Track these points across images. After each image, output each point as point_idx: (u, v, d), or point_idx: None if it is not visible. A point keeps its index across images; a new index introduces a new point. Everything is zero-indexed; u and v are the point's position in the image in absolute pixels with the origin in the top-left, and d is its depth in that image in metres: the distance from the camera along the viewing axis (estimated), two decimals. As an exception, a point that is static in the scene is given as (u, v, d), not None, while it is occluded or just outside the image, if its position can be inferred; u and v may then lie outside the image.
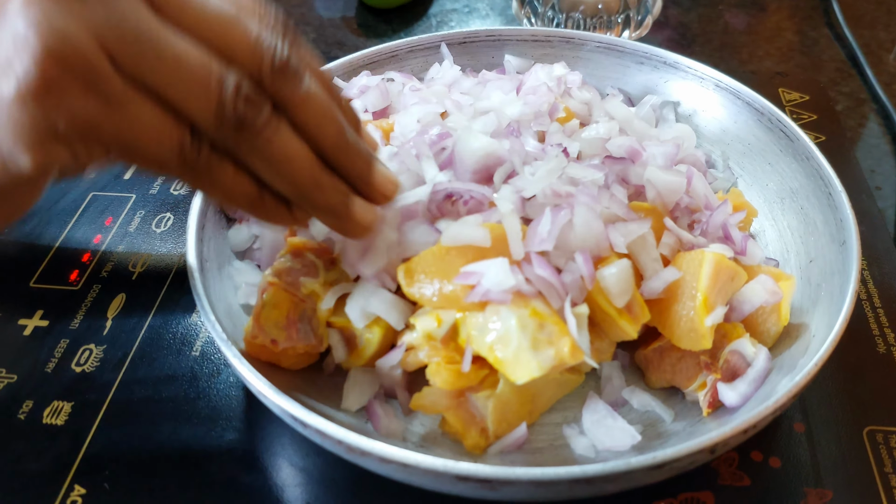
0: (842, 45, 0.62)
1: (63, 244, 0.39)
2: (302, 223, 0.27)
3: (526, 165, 0.31)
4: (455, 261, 0.27)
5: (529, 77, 0.37)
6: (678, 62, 0.39)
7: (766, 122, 0.36)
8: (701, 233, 0.31)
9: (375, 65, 0.41)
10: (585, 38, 0.41)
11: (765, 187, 0.35)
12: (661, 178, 0.30)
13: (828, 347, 0.25)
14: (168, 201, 0.41)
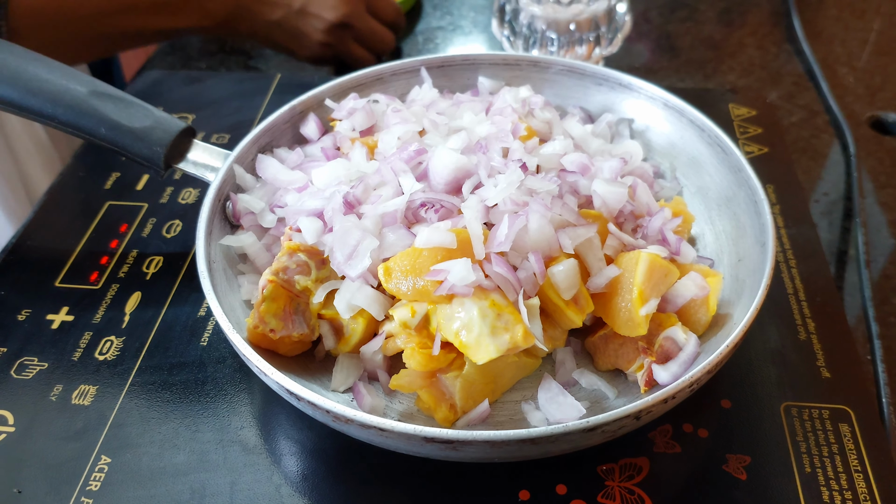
0: (801, 59, 0.66)
1: (84, 248, 0.44)
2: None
3: (491, 178, 0.35)
4: (427, 260, 0.31)
5: (497, 99, 0.41)
6: (631, 83, 0.43)
7: (707, 137, 0.40)
8: (642, 236, 0.35)
9: (363, 87, 0.46)
10: (550, 62, 0.45)
11: (705, 195, 0.40)
12: (605, 189, 0.34)
13: (738, 333, 0.30)
14: (176, 210, 0.46)
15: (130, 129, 0.39)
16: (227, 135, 0.52)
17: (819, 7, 0.73)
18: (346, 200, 0.35)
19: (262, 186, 0.40)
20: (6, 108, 0.40)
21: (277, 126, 0.43)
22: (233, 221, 0.39)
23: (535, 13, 0.61)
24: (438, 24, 0.72)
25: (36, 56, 0.40)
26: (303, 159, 0.41)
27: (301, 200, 0.37)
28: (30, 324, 0.39)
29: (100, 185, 0.47)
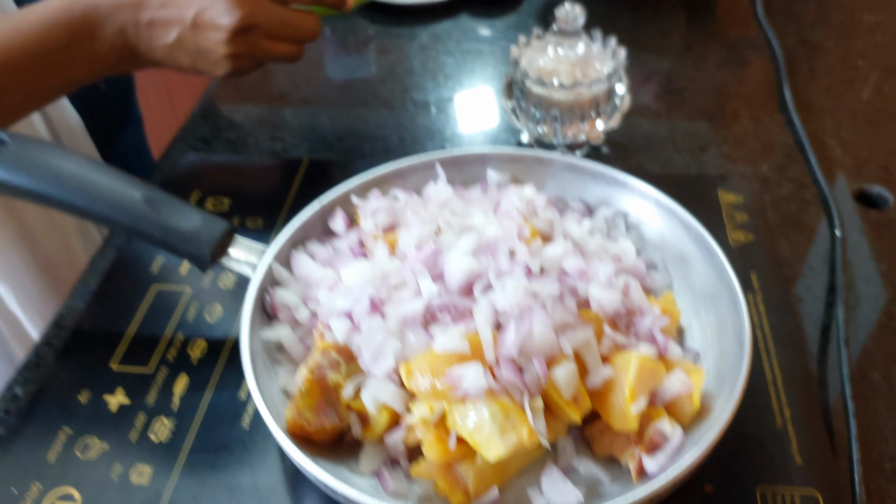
0: (791, 130, 0.71)
1: (136, 332, 0.49)
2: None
3: (499, 279, 0.40)
4: (443, 364, 0.36)
5: (504, 199, 0.46)
6: (626, 181, 0.48)
7: (693, 236, 0.45)
8: (634, 333, 0.40)
9: (384, 182, 0.51)
10: (552, 159, 0.50)
11: (693, 290, 0.44)
12: (601, 293, 0.39)
13: (715, 434, 0.34)
14: (217, 294, 0.51)
15: (180, 231, 0.44)
16: (260, 218, 0.57)
17: (810, 76, 0.77)
18: (372, 302, 0.40)
19: (297, 281, 0.45)
20: (70, 212, 0.45)
21: (309, 223, 0.48)
22: (270, 313, 0.44)
23: (540, 94, 0.65)
24: (450, 94, 0.77)
25: (94, 163, 0.46)
26: (332, 255, 0.46)
27: (332, 299, 0.42)
28: (90, 405, 0.44)
29: (147, 270, 0.53)
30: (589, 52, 0.66)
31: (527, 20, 0.88)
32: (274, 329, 0.43)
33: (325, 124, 0.74)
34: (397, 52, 0.84)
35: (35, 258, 0.63)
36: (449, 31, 0.88)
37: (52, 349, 0.50)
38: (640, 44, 0.83)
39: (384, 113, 0.75)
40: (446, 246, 0.43)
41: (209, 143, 0.71)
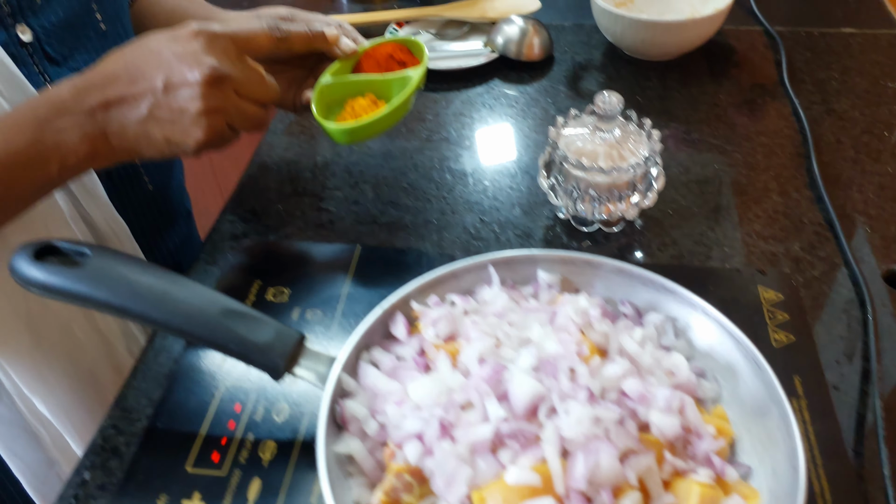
0: (820, 206, 0.73)
1: (207, 432, 0.51)
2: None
3: (563, 402, 0.42)
4: (515, 496, 0.39)
5: (560, 312, 0.48)
6: (675, 289, 0.50)
7: (741, 348, 0.47)
8: (692, 455, 0.42)
9: (439, 284, 0.53)
10: (601, 262, 0.53)
11: (742, 402, 0.47)
12: (661, 419, 0.41)
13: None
14: (281, 393, 0.53)
15: (256, 344, 0.47)
16: (318, 310, 0.59)
17: (837, 147, 0.79)
18: (442, 424, 0.42)
19: (364, 391, 0.47)
20: (147, 324, 0.47)
21: (372, 328, 0.50)
22: (339, 422, 0.47)
23: (579, 175, 0.68)
24: (486, 163, 0.79)
25: (172, 276, 0.48)
26: (395, 364, 0.48)
27: (401, 417, 0.44)
28: (169, 510, 0.47)
29: (212, 369, 0.55)
30: (625, 134, 0.68)
31: (557, 86, 0.90)
32: (345, 442, 0.45)
33: (368, 195, 0.76)
34: (433, 119, 0.87)
35: (78, 368, 0.65)
36: (482, 95, 0.90)
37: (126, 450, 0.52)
38: (669, 112, 0.85)
39: (423, 183, 0.78)
40: (507, 360, 0.45)
41: (258, 215, 0.74)
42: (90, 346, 0.66)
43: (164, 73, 0.51)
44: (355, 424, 0.46)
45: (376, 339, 0.51)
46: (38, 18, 0.62)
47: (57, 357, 0.64)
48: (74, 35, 0.66)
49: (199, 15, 0.77)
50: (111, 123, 0.52)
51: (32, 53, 0.62)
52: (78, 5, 0.66)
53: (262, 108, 0.57)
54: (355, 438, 0.45)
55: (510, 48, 0.92)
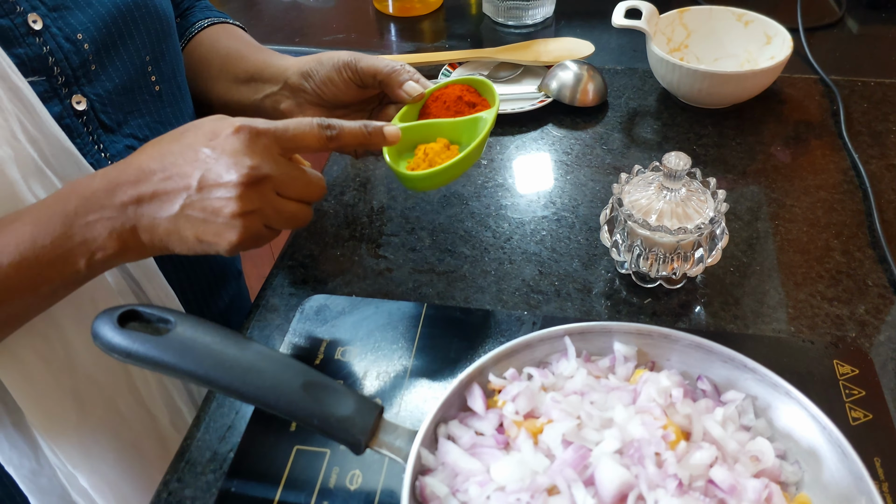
0: (884, 266, 0.72)
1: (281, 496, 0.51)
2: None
3: (651, 491, 0.42)
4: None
5: (642, 392, 0.48)
6: (755, 368, 0.50)
7: (825, 433, 0.47)
8: (779, 547, 0.42)
9: (514, 354, 0.53)
10: (679, 337, 0.52)
11: (825, 490, 0.46)
12: (752, 514, 0.41)
13: None
14: (354, 460, 0.53)
15: (337, 418, 0.47)
16: (390, 371, 0.60)
17: (898, 206, 0.79)
18: (531, 510, 0.42)
19: (443, 468, 0.47)
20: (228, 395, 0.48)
21: (449, 401, 0.50)
22: (419, 499, 0.47)
23: (644, 234, 0.68)
24: (542, 212, 0.79)
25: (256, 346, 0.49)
26: (474, 439, 0.48)
27: (484, 497, 0.44)
28: (248, 581, 0.47)
29: (286, 429, 0.55)
30: (690, 192, 0.68)
31: (611, 132, 0.90)
32: (427, 512, 0.45)
33: (425, 242, 0.77)
34: (488, 164, 0.87)
35: (122, 442, 0.66)
36: (536, 141, 0.90)
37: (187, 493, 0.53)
38: (725, 162, 0.85)
39: (481, 231, 0.78)
40: (590, 442, 0.45)
41: (315, 260, 0.74)
42: (135, 420, 0.66)
43: (200, 170, 0.49)
44: (437, 503, 0.46)
45: (453, 413, 0.51)
46: (93, 86, 0.61)
47: (102, 432, 0.64)
48: (130, 100, 0.65)
49: (253, 59, 0.75)
50: (142, 219, 0.50)
51: (87, 123, 0.61)
52: (134, 69, 0.65)
53: (305, 205, 0.55)
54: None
55: (564, 93, 0.92)
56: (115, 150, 0.64)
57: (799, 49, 1.01)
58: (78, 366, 0.60)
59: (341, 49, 0.70)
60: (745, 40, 0.94)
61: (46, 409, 0.61)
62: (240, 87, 0.74)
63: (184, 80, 0.75)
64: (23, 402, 0.60)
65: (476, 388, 0.51)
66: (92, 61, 0.61)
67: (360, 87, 0.69)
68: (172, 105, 0.72)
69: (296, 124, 0.53)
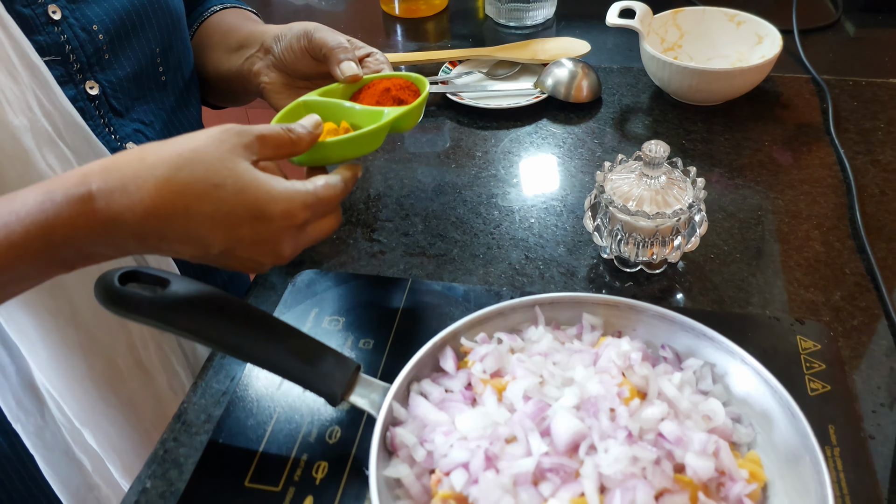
0: (862, 257, 0.74)
1: (264, 451, 0.55)
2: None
3: (602, 441, 0.45)
4: (555, 526, 0.41)
5: (603, 355, 0.51)
6: (714, 336, 0.52)
7: (777, 397, 0.49)
8: (723, 496, 0.44)
9: (487, 320, 0.56)
10: (644, 308, 0.55)
11: (776, 448, 0.48)
12: (696, 462, 0.44)
13: None
14: (334, 415, 0.57)
15: (316, 372, 0.50)
16: (371, 340, 0.63)
17: (881, 199, 0.80)
18: (487, 456, 0.45)
19: (413, 420, 0.50)
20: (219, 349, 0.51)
21: (422, 360, 0.53)
22: (389, 448, 0.50)
23: (624, 219, 0.70)
24: (532, 202, 0.82)
25: (243, 305, 0.52)
26: (444, 395, 0.51)
27: (448, 446, 0.47)
28: (228, 522, 0.50)
29: (272, 388, 0.59)
30: (671, 180, 0.71)
31: (604, 127, 0.93)
32: (394, 467, 0.48)
33: (418, 227, 0.80)
34: (482, 156, 0.90)
35: (121, 400, 0.69)
36: (530, 135, 0.93)
37: (185, 462, 0.56)
38: (713, 157, 0.87)
39: (471, 217, 0.81)
40: (551, 398, 0.48)
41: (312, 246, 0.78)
42: (132, 379, 0.70)
43: (228, 244, 0.49)
44: (404, 451, 0.49)
45: (426, 372, 0.54)
46: (105, 74, 0.65)
47: (105, 388, 0.68)
48: (139, 87, 0.69)
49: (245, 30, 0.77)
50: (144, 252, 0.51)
51: (99, 107, 0.65)
52: (144, 59, 0.69)
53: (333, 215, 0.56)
54: (404, 464, 0.48)
55: (559, 90, 0.95)
56: (124, 133, 0.68)
57: (793, 50, 1.03)
58: (81, 323, 0.63)
59: None
60: (738, 41, 0.97)
61: (56, 361, 0.65)
62: (231, 55, 0.76)
63: (189, 71, 0.80)
64: (33, 355, 0.64)
65: (448, 350, 0.54)
66: (105, 50, 0.65)
67: (314, 59, 0.69)
68: (176, 94, 0.76)
69: (331, 192, 0.54)
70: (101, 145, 0.64)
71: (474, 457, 0.45)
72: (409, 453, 0.49)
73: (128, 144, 0.68)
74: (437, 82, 0.99)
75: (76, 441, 0.70)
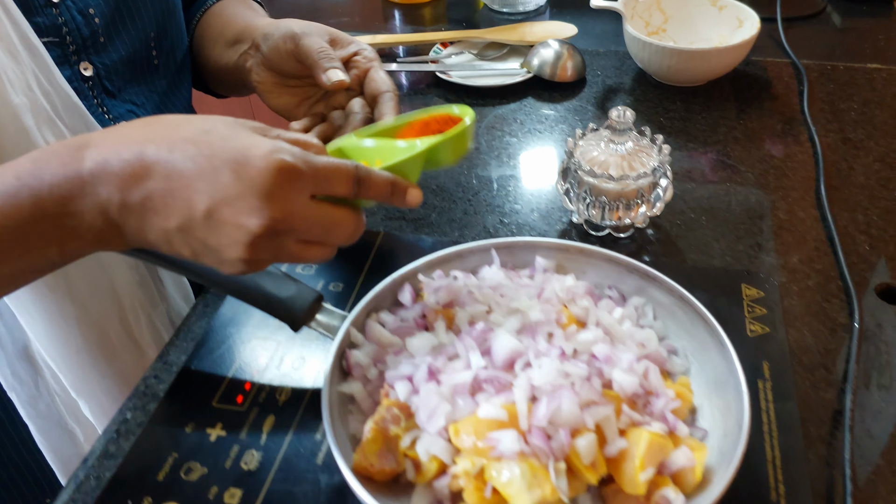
0: (824, 225, 0.77)
1: (233, 375, 0.58)
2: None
3: (537, 359, 0.48)
4: (485, 428, 0.44)
5: (547, 287, 0.54)
6: (656, 276, 0.55)
7: (709, 330, 0.52)
8: (649, 412, 0.47)
9: (446, 262, 0.59)
10: (593, 252, 0.58)
11: (707, 375, 0.51)
12: (622, 377, 0.47)
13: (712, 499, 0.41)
14: (299, 348, 0.60)
15: (279, 298, 0.54)
16: (341, 283, 0.67)
17: (848, 174, 0.83)
18: (430, 370, 0.48)
19: (369, 344, 0.54)
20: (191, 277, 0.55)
21: (382, 294, 0.57)
22: (345, 370, 0.53)
23: (591, 182, 0.74)
24: (510, 172, 0.86)
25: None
26: (399, 324, 0.55)
27: (397, 363, 0.50)
28: (194, 436, 0.54)
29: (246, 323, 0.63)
30: (638, 147, 0.74)
31: (586, 105, 0.97)
32: (348, 384, 0.52)
33: (399, 195, 0.84)
34: (467, 131, 0.94)
35: (114, 371, 0.71)
36: (515, 112, 0.97)
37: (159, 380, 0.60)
38: (688, 133, 0.90)
39: (451, 187, 0.85)
40: (495, 324, 0.51)
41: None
42: (124, 352, 0.71)
43: (212, 199, 0.41)
44: (359, 370, 0.52)
45: (385, 305, 0.57)
46: (100, 56, 0.66)
47: (99, 360, 0.70)
48: (131, 70, 0.70)
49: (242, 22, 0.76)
50: (128, 222, 0.43)
51: (93, 87, 0.66)
52: (139, 43, 0.70)
53: (326, 247, 0.47)
54: (357, 382, 0.52)
55: (545, 69, 0.99)
56: (117, 113, 0.69)
57: (776, 36, 1.06)
58: (77, 297, 0.65)
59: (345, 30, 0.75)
60: (720, 25, 1.00)
61: (53, 334, 0.67)
62: (228, 49, 0.77)
63: (182, 54, 0.79)
64: (32, 328, 0.66)
65: (407, 286, 0.58)
66: (101, 34, 0.66)
67: (298, 63, 0.67)
68: (168, 77, 0.78)
69: (335, 168, 0.45)
70: (96, 124, 0.65)
71: (418, 370, 0.49)
72: (363, 373, 0.52)
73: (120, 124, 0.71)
74: (428, 61, 1.03)
75: (70, 411, 0.73)
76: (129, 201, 0.42)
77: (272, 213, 0.42)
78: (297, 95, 0.70)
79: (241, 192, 0.41)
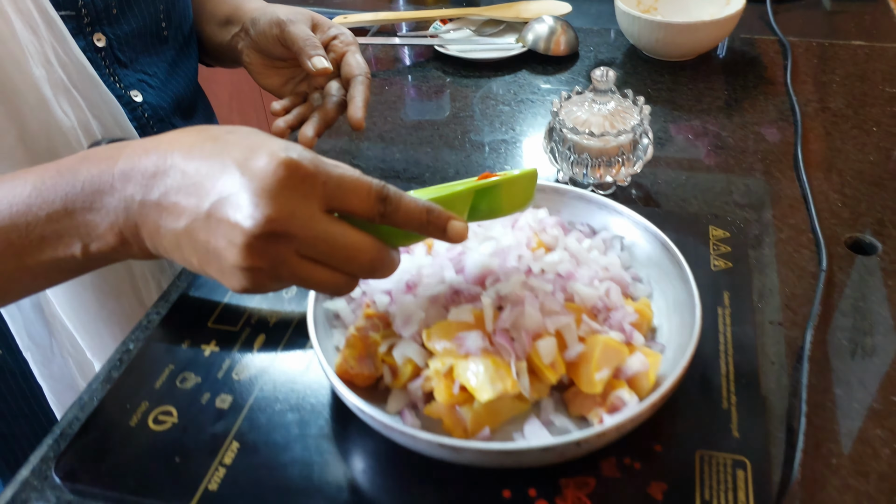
0: (799, 184, 0.80)
1: (228, 301, 0.63)
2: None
3: (506, 275, 0.52)
4: (454, 330, 0.48)
5: (520, 218, 0.58)
6: (622, 211, 0.59)
7: (670, 256, 0.55)
8: (608, 324, 0.51)
9: (430, 199, 0.63)
10: (566, 190, 0.62)
11: (667, 298, 0.55)
12: (583, 290, 0.50)
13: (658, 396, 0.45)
14: (293, 278, 0.64)
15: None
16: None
17: (826, 138, 0.86)
18: (407, 284, 0.52)
19: (353, 269, 0.58)
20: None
21: (367, 225, 0.61)
22: (331, 291, 0.57)
23: (574, 140, 0.77)
24: (502, 137, 0.90)
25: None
26: (383, 250, 0.59)
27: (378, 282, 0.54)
28: (190, 351, 0.58)
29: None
30: (620, 108, 0.78)
31: (578, 78, 1.01)
32: (333, 301, 0.56)
33: (396, 157, 0.88)
34: (462, 100, 0.98)
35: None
36: (509, 84, 1.01)
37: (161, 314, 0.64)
38: (674, 103, 0.94)
39: (445, 150, 0.89)
40: (470, 249, 0.55)
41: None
42: (134, 317, 0.71)
43: (216, 196, 0.40)
44: (343, 290, 0.56)
45: (371, 235, 0.61)
46: (112, 28, 0.68)
47: (112, 326, 0.71)
48: (142, 41, 0.73)
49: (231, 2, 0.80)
50: (147, 221, 0.42)
51: (105, 58, 0.69)
52: (149, 16, 0.72)
53: (342, 274, 0.43)
54: (342, 299, 0.56)
55: (539, 44, 1.03)
56: (129, 82, 0.72)
57: (764, 16, 1.10)
58: None
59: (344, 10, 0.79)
60: (710, 4, 1.04)
61: (74, 301, 0.70)
62: (220, 29, 0.80)
63: (189, 26, 0.81)
64: (56, 293, 0.68)
65: (392, 219, 0.62)
66: (113, 6, 0.68)
67: (284, 48, 0.71)
68: (176, 48, 0.81)
69: (354, 179, 0.42)
70: (109, 94, 0.67)
71: (397, 285, 0.53)
72: (347, 292, 0.56)
73: (132, 93, 0.72)
74: (427, 36, 1.07)
75: (82, 373, 0.76)
76: (147, 199, 0.42)
77: (268, 212, 0.38)
78: (283, 76, 0.77)
79: (240, 188, 0.39)
